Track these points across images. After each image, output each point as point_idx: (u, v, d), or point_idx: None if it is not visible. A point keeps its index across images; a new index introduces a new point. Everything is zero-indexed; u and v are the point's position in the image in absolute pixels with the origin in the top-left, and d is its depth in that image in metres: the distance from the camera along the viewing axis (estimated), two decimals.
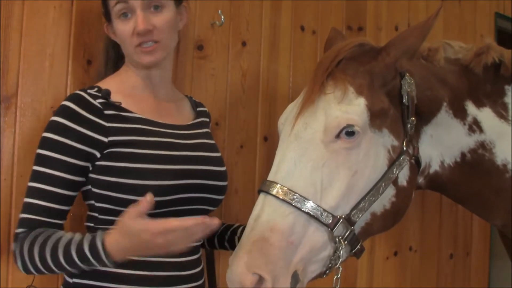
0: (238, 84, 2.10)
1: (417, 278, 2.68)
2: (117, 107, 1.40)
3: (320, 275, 1.37)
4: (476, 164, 1.57)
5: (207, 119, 1.68)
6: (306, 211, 1.29)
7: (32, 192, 1.33)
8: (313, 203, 1.30)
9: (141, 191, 1.28)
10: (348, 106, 1.35)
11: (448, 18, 2.76)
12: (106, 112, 1.37)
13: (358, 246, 1.36)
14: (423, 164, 1.50)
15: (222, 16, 1.99)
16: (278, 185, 1.31)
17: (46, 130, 1.35)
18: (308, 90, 1.40)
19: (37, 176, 1.33)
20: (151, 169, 1.35)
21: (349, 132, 1.33)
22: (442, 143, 1.54)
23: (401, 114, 1.43)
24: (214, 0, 2.01)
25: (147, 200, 1.17)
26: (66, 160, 1.33)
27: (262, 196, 1.34)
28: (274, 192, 1.31)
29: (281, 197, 1.30)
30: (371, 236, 1.49)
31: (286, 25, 2.22)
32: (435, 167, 1.55)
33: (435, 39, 1.63)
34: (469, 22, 2.89)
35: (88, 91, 1.40)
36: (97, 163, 1.35)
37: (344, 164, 1.34)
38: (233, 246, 1.56)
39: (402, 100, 1.42)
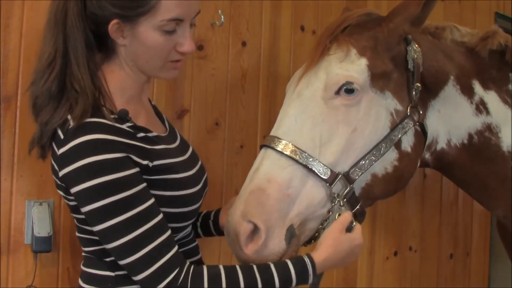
0: (238, 84, 2.10)
1: (417, 278, 2.69)
2: (142, 128, 1.23)
3: (318, 236, 1.37)
4: (482, 148, 1.58)
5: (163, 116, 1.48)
6: (305, 164, 1.31)
7: (153, 231, 1.13)
8: (312, 157, 1.32)
9: (179, 218, 1.26)
10: (349, 65, 1.38)
11: (448, 18, 2.76)
12: (138, 135, 1.19)
13: (358, 207, 1.37)
14: (430, 138, 1.51)
15: (222, 16, 1.99)
16: (278, 139, 1.34)
17: (95, 175, 1.10)
18: (313, 52, 1.43)
19: (141, 217, 1.12)
20: (190, 194, 1.28)
21: (348, 89, 1.36)
22: (450, 120, 1.55)
23: (407, 80, 1.45)
24: (214, 0, 2.01)
25: (348, 216, 1.29)
26: (143, 186, 1.16)
27: (262, 150, 1.37)
28: (273, 145, 1.33)
29: (280, 150, 1.32)
30: (373, 200, 1.48)
31: (286, 25, 2.22)
32: (442, 144, 1.56)
33: None
34: (469, 22, 2.89)
35: (102, 120, 1.15)
36: None
37: (343, 120, 1.36)
38: (206, 232, 1.54)
39: (408, 66, 1.44)
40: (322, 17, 2.31)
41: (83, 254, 1.30)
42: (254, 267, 1.18)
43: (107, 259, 1.22)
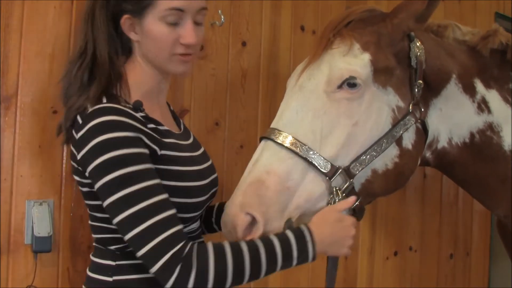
0: (238, 84, 2.10)
1: (417, 278, 2.69)
2: (154, 120, 1.28)
3: None
4: (484, 147, 1.58)
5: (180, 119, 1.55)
6: (305, 157, 1.31)
7: (156, 207, 1.15)
8: (313, 150, 1.32)
9: (182, 208, 1.26)
10: (352, 59, 1.38)
11: (448, 18, 2.74)
12: (149, 125, 1.25)
13: (357, 203, 1.36)
14: (431, 137, 1.51)
15: (222, 16, 1.99)
16: (278, 131, 1.34)
17: (106, 151, 1.15)
18: (315, 46, 1.43)
19: (145, 193, 1.15)
20: (195, 186, 1.30)
21: (351, 83, 1.36)
22: (451, 119, 1.55)
23: (409, 77, 1.45)
24: (214, 0, 2.01)
25: (351, 201, 1.31)
26: (152, 167, 1.19)
27: (262, 142, 1.37)
28: (273, 137, 1.33)
29: (280, 142, 1.32)
30: (373, 197, 1.48)
31: (286, 25, 2.22)
32: (443, 143, 1.56)
33: None
34: (469, 22, 2.89)
35: (117, 105, 1.21)
36: None
37: (344, 113, 1.36)
38: (209, 229, 1.53)
39: (411, 63, 1.44)
40: (322, 17, 2.32)
41: (93, 244, 1.33)
42: (258, 241, 1.19)
43: (112, 247, 1.26)
